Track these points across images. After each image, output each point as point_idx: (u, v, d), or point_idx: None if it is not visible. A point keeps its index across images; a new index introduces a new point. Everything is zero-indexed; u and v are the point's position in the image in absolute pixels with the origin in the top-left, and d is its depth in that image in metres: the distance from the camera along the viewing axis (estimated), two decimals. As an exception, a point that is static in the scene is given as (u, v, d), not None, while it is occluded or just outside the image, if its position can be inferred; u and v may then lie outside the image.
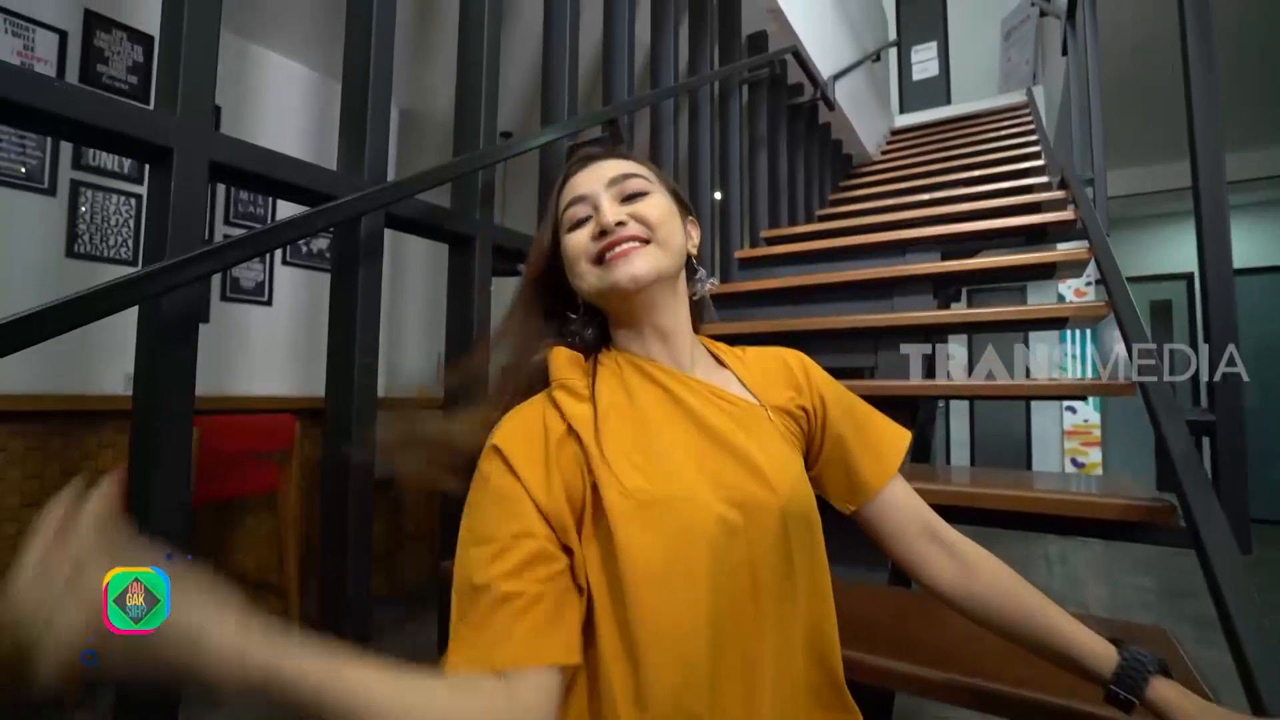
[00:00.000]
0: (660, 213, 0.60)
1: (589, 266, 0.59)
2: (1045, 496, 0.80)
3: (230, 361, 2.69)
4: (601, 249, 0.58)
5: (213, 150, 0.78)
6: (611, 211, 0.59)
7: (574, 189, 0.63)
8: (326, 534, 0.98)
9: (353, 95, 1.03)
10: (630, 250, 0.58)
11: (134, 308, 0.68)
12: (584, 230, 0.60)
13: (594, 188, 0.61)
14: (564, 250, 0.62)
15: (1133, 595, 3.14)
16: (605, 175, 0.62)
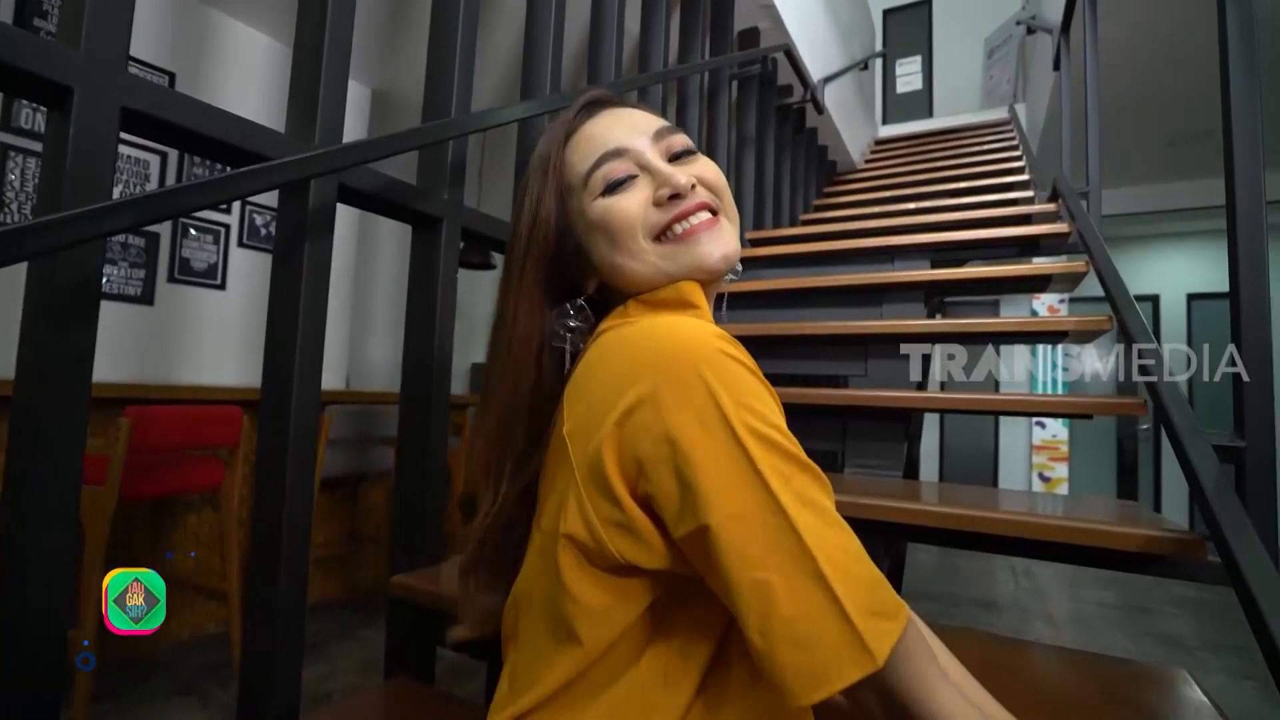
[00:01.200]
0: (721, 177, 0.49)
1: (647, 244, 0.46)
2: (1062, 524, 0.73)
3: (176, 348, 2.51)
4: (671, 220, 0.46)
5: (126, 95, 0.66)
6: (677, 170, 0.47)
7: (600, 140, 0.48)
8: (256, 537, 0.86)
9: (305, 53, 0.91)
10: (712, 222, 0.46)
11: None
12: (632, 195, 0.47)
13: (633, 140, 0.48)
14: (596, 220, 0.47)
15: (1096, 611, 3.16)
16: (645, 126, 0.49)
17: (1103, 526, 0.71)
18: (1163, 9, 2.58)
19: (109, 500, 1.60)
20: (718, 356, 0.38)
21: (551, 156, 0.50)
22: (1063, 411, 0.96)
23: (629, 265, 0.47)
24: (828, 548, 0.34)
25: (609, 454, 0.39)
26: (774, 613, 0.33)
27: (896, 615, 0.34)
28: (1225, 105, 0.78)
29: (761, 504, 0.35)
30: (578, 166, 0.49)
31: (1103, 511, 0.81)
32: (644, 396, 0.38)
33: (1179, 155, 3.85)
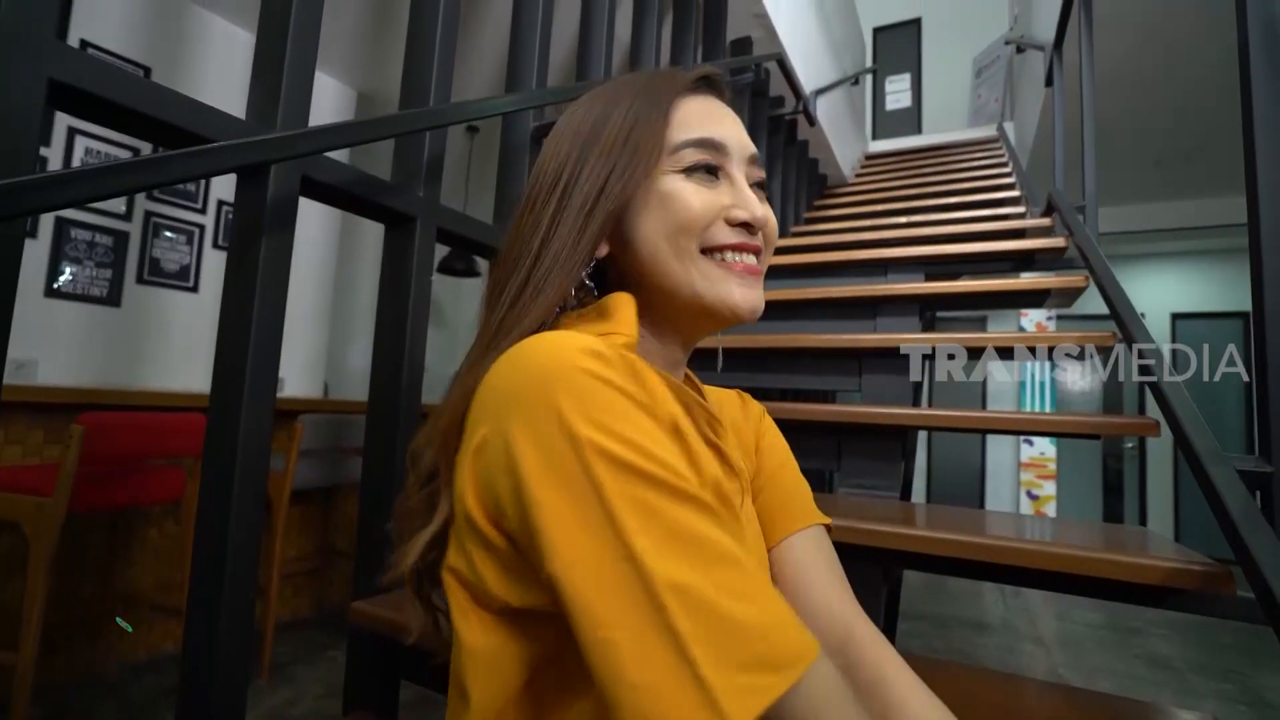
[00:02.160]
0: (775, 230, 0.47)
1: (695, 249, 0.43)
2: (1078, 555, 0.67)
3: (144, 352, 2.41)
4: (731, 245, 0.44)
5: (52, 64, 0.59)
6: (760, 203, 0.45)
7: (709, 121, 0.45)
8: (198, 555, 0.78)
9: (270, 33, 0.85)
10: (757, 271, 0.45)
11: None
12: (710, 193, 0.44)
13: (735, 147, 0.46)
14: (665, 193, 0.43)
15: (1085, 633, 3.12)
16: (744, 142, 0.47)
17: (1125, 559, 0.66)
18: (1151, 30, 2.59)
19: (57, 512, 1.50)
20: (577, 375, 0.32)
21: (662, 94, 0.45)
22: (1072, 432, 0.91)
23: (666, 258, 0.44)
24: (691, 595, 0.28)
25: (468, 486, 0.35)
26: (621, 679, 0.27)
27: (787, 665, 0.27)
28: (1246, 115, 0.74)
29: (606, 547, 0.29)
30: (676, 130, 0.45)
31: (1122, 542, 0.76)
32: (494, 424, 0.33)
33: (1164, 175, 3.89)
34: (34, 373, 2.09)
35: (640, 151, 0.44)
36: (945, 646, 2.74)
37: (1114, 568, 0.64)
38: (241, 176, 0.80)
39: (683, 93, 0.47)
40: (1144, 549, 0.73)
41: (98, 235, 2.27)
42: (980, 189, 3.06)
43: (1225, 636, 2.92)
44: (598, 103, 0.47)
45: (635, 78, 0.48)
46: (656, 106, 0.45)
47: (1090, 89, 1.69)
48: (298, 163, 0.82)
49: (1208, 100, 2.98)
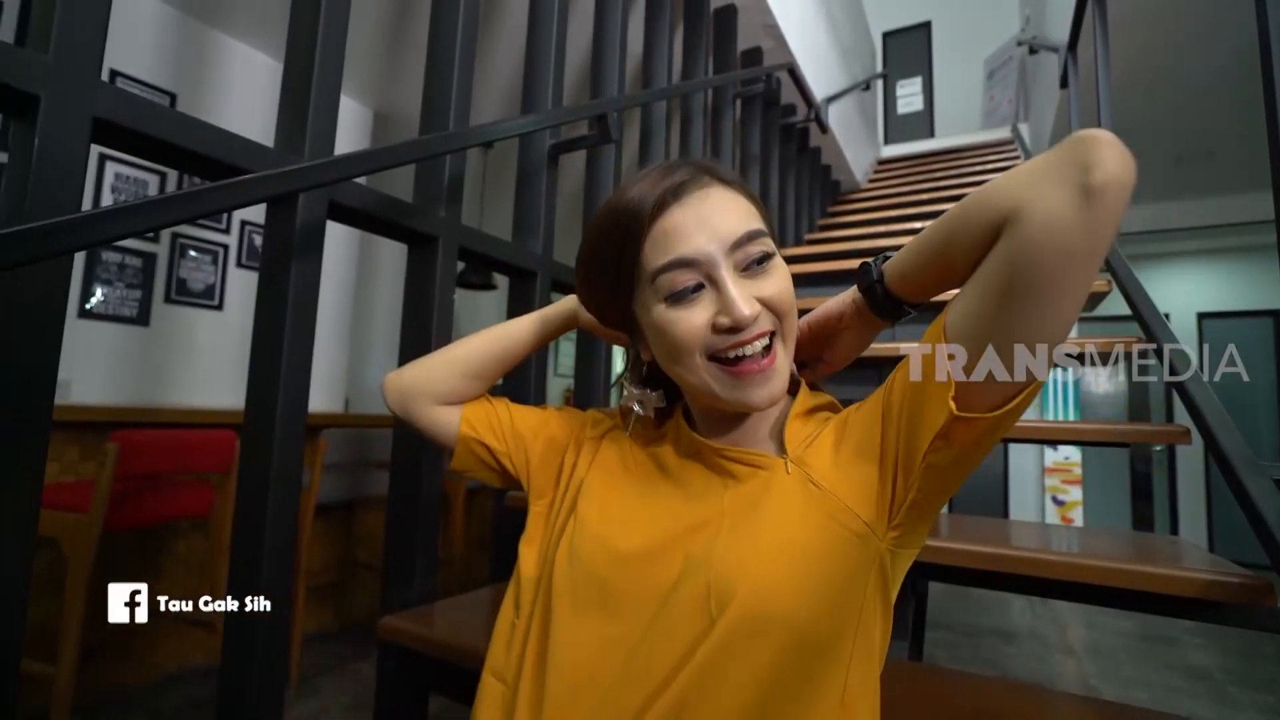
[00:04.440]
0: (788, 293, 0.48)
1: (702, 360, 0.47)
2: (1113, 567, 0.66)
3: (172, 370, 2.46)
4: (728, 347, 0.46)
5: (96, 103, 0.62)
6: (745, 300, 0.45)
7: (676, 239, 0.47)
8: (235, 567, 0.80)
9: (297, 64, 0.88)
10: (767, 364, 0.47)
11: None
12: (694, 312, 0.47)
13: (709, 249, 0.46)
14: (657, 326, 0.48)
15: (1117, 642, 3.05)
16: (723, 232, 0.47)
17: (1162, 571, 0.65)
18: (1167, 28, 2.56)
19: (93, 528, 1.54)
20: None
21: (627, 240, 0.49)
22: (1100, 440, 0.90)
23: (681, 373, 0.49)
24: None
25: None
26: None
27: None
28: (1270, 108, 0.74)
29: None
30: (651, 259, 0.48)
31: (1156, 552, 0.75)
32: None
33: (1186, 174, 3.82)
34: (69, 392, 2.14)
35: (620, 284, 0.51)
36: (973, 656, 2.69)
37: (1150, 580, 0.63)
38: (271, 204, 0.83)
39: (653, 218, 0.48)
40: (1180, 560, 0.72)
41: (127, 257, 2.34)
42: (996, 192, 3.03)
43: (1265, 646, 2.83)
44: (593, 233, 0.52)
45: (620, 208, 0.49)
46: (633, 228, 0.48)
47: (1106, 90, 1.67)
48: (326, 189, 0.85)
49: (1228, 96, 2.93)
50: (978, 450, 0.41)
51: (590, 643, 0.46)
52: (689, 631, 0.43)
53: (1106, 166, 0.32)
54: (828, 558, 0.43)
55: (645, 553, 0.48)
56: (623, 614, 0.46)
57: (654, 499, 0.52)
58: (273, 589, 0.80)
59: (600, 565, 0.48)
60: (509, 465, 0.61)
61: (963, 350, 0.39)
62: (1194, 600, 0.65)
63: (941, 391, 0.40)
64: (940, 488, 0.43)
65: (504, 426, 0.62)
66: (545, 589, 0.50)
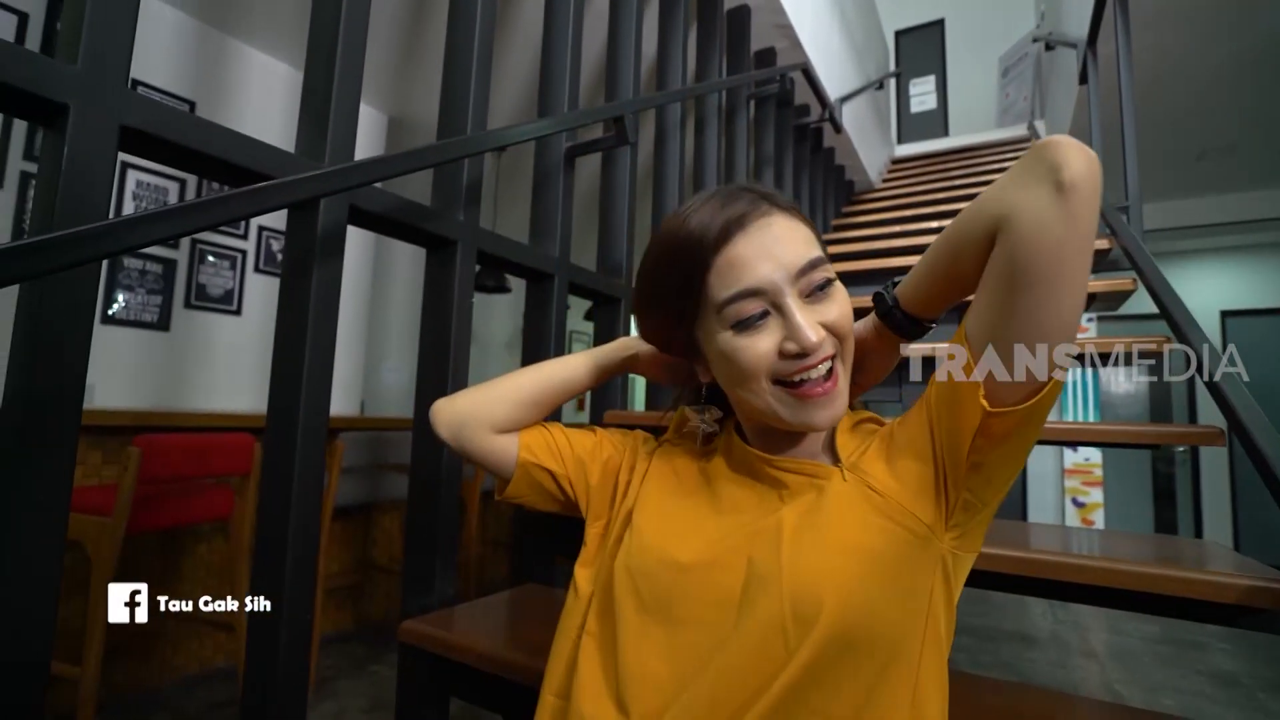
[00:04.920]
0: (849, 318, 0.50)
1: (767, 384, 0.49)
2: (1152, 573, 0.65)
3: (192, 374, 2.49)
4: (794, 372, 0.48)
5: (125, 113, 0.63)
6: (811, 326, 0.47)
7: (741, 270, 0.48)
8: (259, 569, 0.81)
9: (317, 71, 0.88)
10: (830, 387, 0.48)
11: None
12: (761, 338, 0.48)
13: (774, 278, 0.48)
14: (723, 352, 0.50)
15: (1142, 646, 2.98)
16: (787, 261, 0.48)
17: (1201, 577, 0.63)
18: (1188, 22, 2.52)
19: (117, 531, 1.56)
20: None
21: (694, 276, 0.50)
22: (1129, 442, 0.88)
23: (746, 398, 0.50)
24: None
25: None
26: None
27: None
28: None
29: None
30: (717, 290, 0.49)
31: (1187, 556, 0.73)
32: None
33: (1208, 170, 3.75)
34: (92, 396, 2.18)
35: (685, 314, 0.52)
36: (993, 661, 2.65)
37: (1188, 586, 0.62)
38: (293, 210, 0.83)
39: (719, 247, 0.49)
40: (1215, 564, 0.70)
41: (148, 263, 2.37)
42: (1014, 190, 2.99)
43: None
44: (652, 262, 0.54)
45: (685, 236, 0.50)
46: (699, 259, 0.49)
47: (1129, 86, 1.65)
48: (346, 194, 0.85)
49: (1251, 90, 2.88)
50: (1020, 443, 0.44)
51: (661, 651, 0.46)
52: (776, 642, 0.43)
53: (1073, 165, 0.37)
54: (896, 561, 0.45)
55: (705, 561, 0.49)
56: (690, 621, 0.47)
57: (709, 510, 0.53)
58: (296, 592, 0.80)
59: (661, 575, 0.49)
60: (569, 489, 0.61)
61: (983, 351, 0.42)
62: (1234, 607, 0.63)
63: (972, 392, 0.43)
64: (989, 485, 0.45)
65: (563, 450, 0.62)
66: (605, 603, 0.51)
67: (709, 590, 0.47)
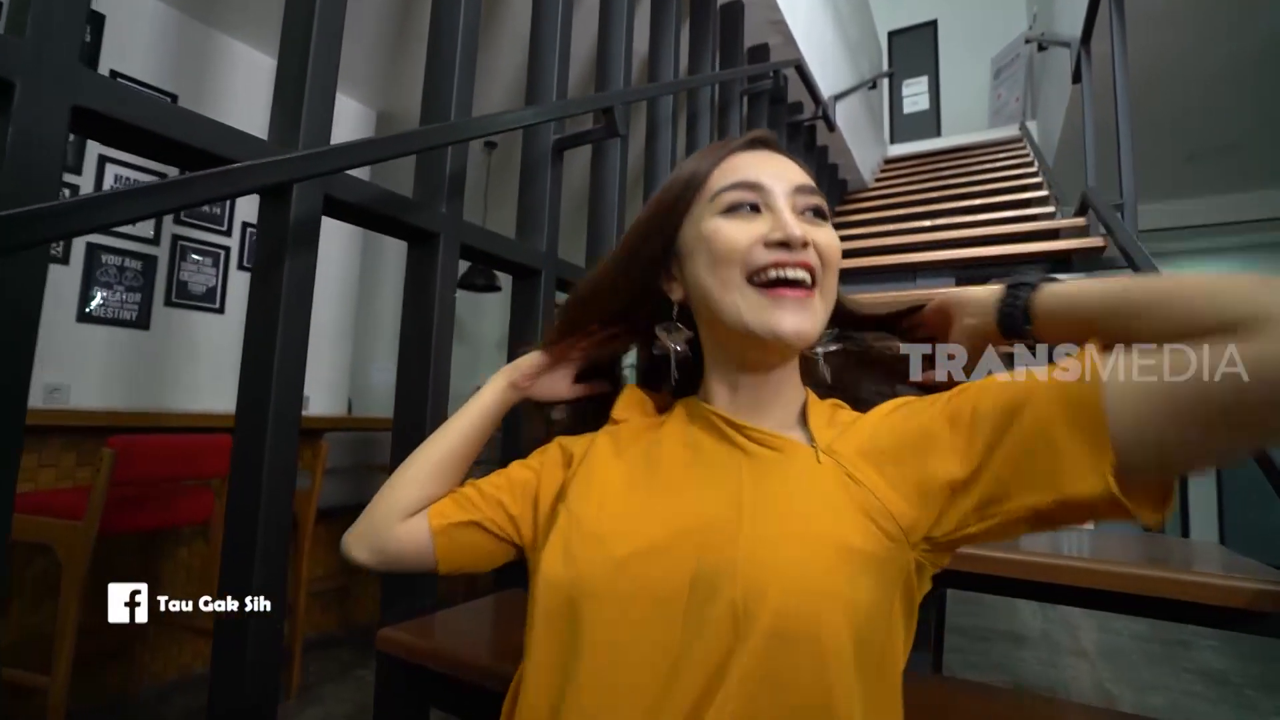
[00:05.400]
0: (837, 250, 0.49)
1: (740, 279, 0.46)
2: (1154, 576, 0.62)
3: (172, 374, 2.44)
4: (770, 263, 0.45)
5: (76, 90, 0.59)
6: (797, 223, 0.46)
7: (740, 170, 0.49)
8: (225, 577, 0.77)
9: (291, 55, 0.85)
10: (804, 295, 0.46)
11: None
12: (746, 226, 0.47)
13: (773, 183, 0.48)
14: (705, 234, 0.48)
15: (1131, 645, 2.99)
16: (791, 177, 0.49)
17: (1214, 581, 0.61)
18: (1181, 22, 2.52)
19: (88, 534, 1.51)
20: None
21: (700, 171, 0.51)
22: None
23: (716, 292, 0.47)
24: None
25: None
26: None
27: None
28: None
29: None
30: (715, 182, 0.50)
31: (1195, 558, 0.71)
32: None
33: (1199, 171, 3.77)
34: (67, 396, 2.12)
35: (680, 202, 0.51)
36: (985, 661, 2.64)
37: (1200, 591, 0.59)
38: (264, 197, 0.80)
39: (734, 150, 0.51)
40: (1225, 568, 0.68)
41: (127, 260, 2.31)
42: (1006, 190, 2.99)
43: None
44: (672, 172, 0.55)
45: (691, 158, 0.53)
46: (706, 161, 0.51)
47: (1125, 84, 1.63)
48: (320, 182, 0.81)
49: (1242, 93, 2.88)
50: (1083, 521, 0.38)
51: (611, 650, 0.42)
52: (722, 640, 0.39)
53: None
54: (865, 564, 0.40)
55: (651, 549, 0.43)
56: (638, 618, 0.42)
57: (657, 487, 0.48)
58: (265, 595, 0.76)
59: (600, 568, 0.44)
60: (499, 531, 0.55)
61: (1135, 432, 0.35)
62: (1241, 611, 0.61)
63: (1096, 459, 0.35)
64: (1002, 534, 0.41)
65: (473, 498, 0.56)
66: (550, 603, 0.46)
67: (656, 583, 0.42)
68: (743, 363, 0.50)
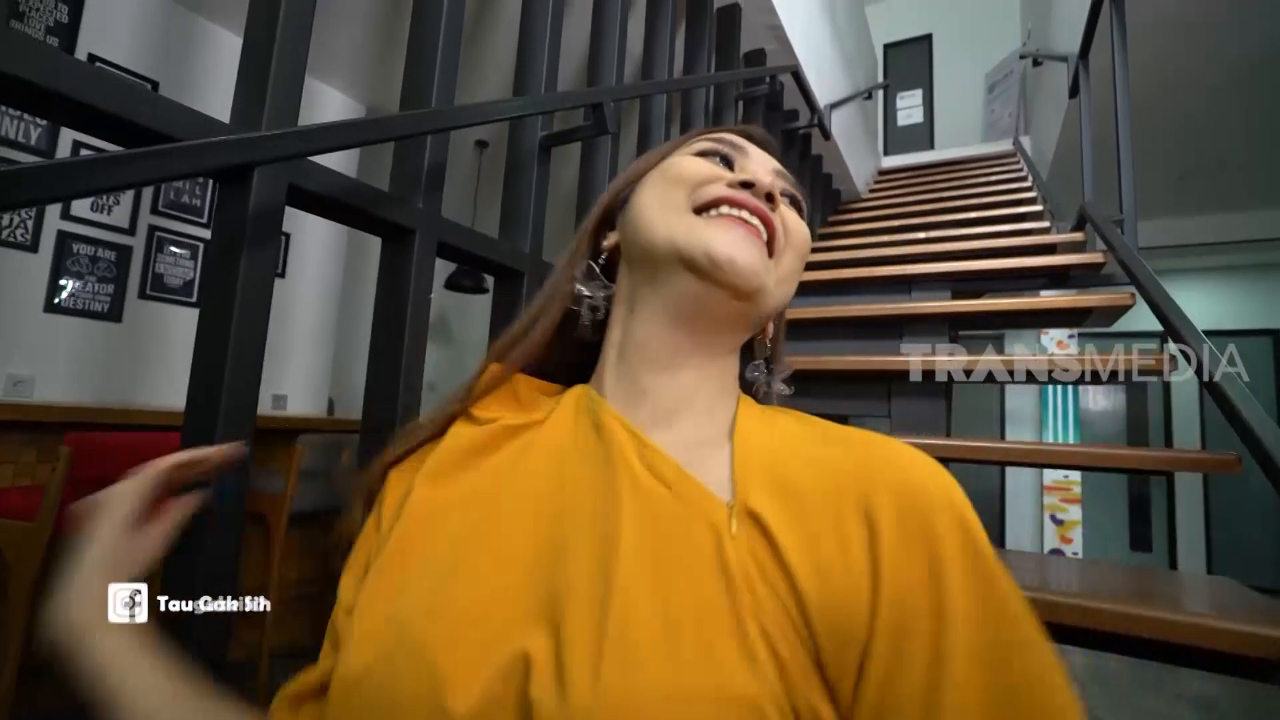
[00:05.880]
0: (804, 237, 0.43)
1: (685, 202, 0.40)
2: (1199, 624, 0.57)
3: (144, 368, 2.35)
4: (724, 198, 0.39)
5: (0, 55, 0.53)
6: (765, 174, 0.43)
7: (720, 137, 0.46)
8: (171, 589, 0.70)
9: (257, 33, 0.79)
10: (755, 233, 0.39)
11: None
12: (716, 167, 0.43)
13: (756, 153, 0.45)
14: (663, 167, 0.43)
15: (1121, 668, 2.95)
16: (769, 160, 0.46)
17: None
18: (1173, 38, 2.51)
19: (40, 537, 1.43)
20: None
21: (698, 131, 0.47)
22: (1147, 468, 0.82)
23: (651, 211, 0.41)
24: None
25: None
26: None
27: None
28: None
29: None
30: (689, 143, 0.46)
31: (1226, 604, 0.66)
32: None
33: (1190, 189, 3.78)
34: (31, 389, 2.03)
35: (646, 161, 0.46)
36: (972, 682, 2.59)
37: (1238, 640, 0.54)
38: (222, 183, 0.74)
39: (721, 129, 0.48)
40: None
41: (100, 250, 2.24)
42: (1001, 203, 2.97)
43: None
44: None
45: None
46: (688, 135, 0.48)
47: (1125, 98, 1.61)
48: (284, 169, 0.76)
49: (1233, 112, 2.89)
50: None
51: None
52: None
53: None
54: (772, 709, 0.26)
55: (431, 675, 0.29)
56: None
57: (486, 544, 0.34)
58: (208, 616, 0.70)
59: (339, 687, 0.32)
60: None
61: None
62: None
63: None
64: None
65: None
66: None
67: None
68: (662, 323, 0.40)
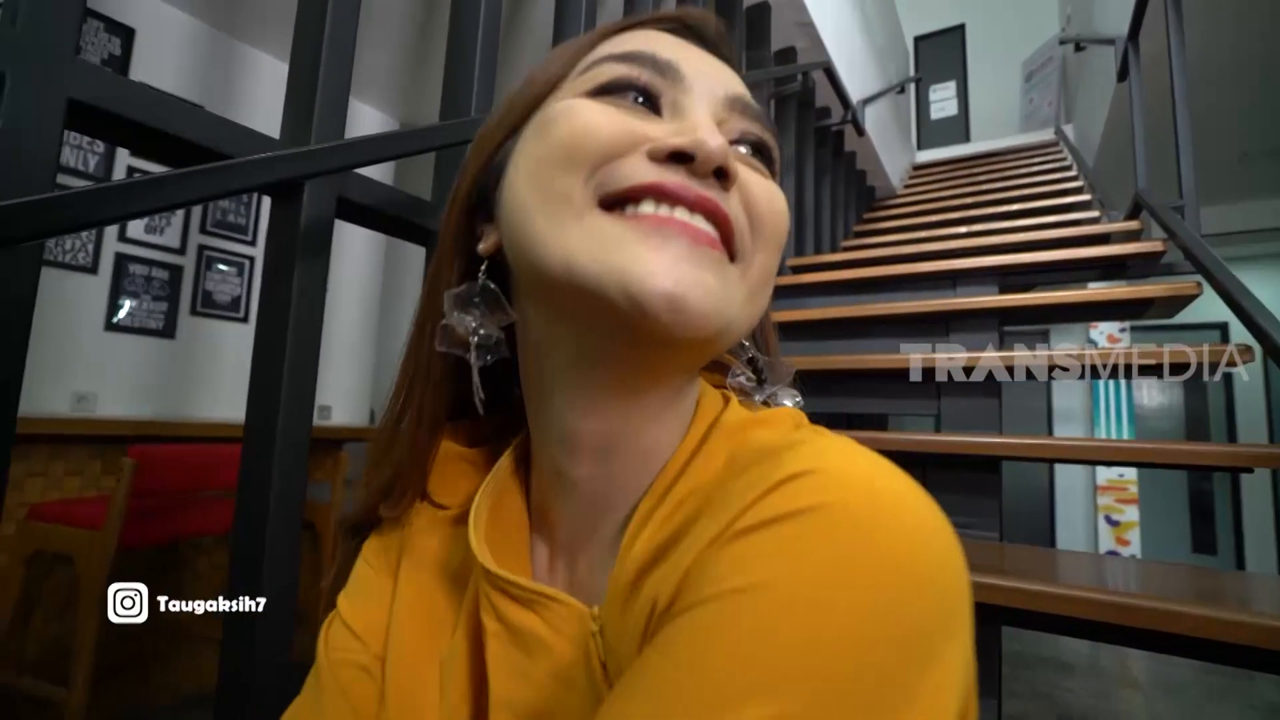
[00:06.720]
0: (779, 215, 0.28)
1: (586, 200, 0.25)
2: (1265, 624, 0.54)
3: (197, 383, 2.44)
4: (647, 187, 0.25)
5: (72, 83, 0.55)
6: (717, 135, 0.25)
7: (650, 42, 0.28)
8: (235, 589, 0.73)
9: (303, 55, 0.81)
10: (702, 239, 0.24)
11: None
12: (623, 117, 0.26)
13: (692, 75, 0.28)
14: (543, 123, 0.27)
15: (1190, 676, 2.80)
16: (725, 81, 0.29)
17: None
18: (1233, 17, 2.39)
19: (107, 545, 1.49)
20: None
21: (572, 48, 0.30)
22: (1225, 465, 0.77)
23: (530, 211, 0.25)
24: None
25: None
26: None
27: None
28: None
29: None
30: (596, 52, 0.29)
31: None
32: None
33: (1252, 172, 3.59)
34: (94, 405, 2.13)
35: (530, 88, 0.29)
36: (1027, 690, 2.49)
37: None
38: (275, 199, 0.76)
39: (643, 24, 0.30)
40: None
41: (154, 269, 2.33)
42: (1045, 194, 2.87)
43: None
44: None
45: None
46: (587, 36, 0.30)
47: (1182, 78, 1.54)
48: (333, 181, 0.77)
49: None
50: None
51: None
52: None
53: None
54: None
55: None
56: None
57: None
58: (273, 613, 0.72)
59: None
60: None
61: None
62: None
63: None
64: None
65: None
66: None
67: None
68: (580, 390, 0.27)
